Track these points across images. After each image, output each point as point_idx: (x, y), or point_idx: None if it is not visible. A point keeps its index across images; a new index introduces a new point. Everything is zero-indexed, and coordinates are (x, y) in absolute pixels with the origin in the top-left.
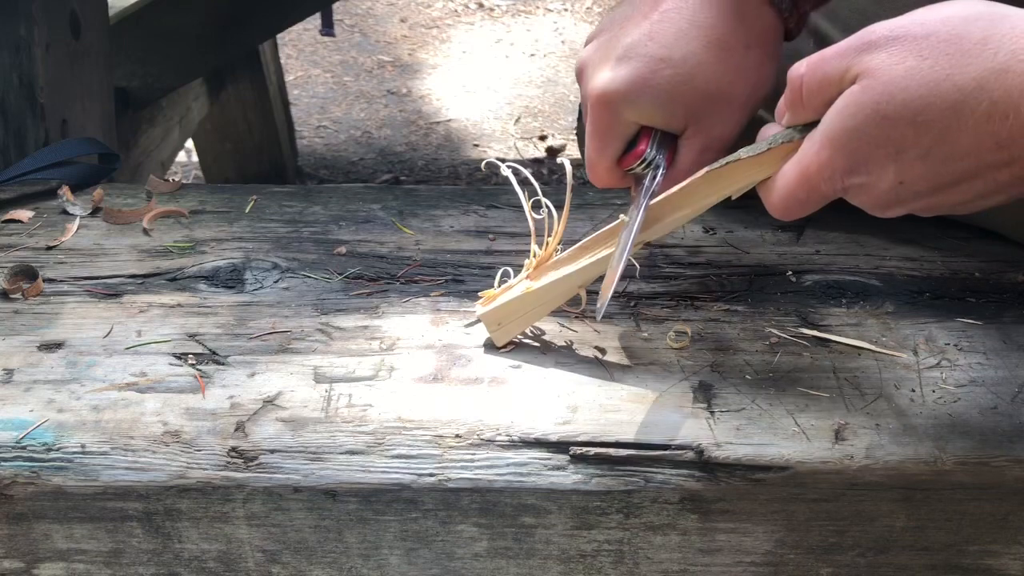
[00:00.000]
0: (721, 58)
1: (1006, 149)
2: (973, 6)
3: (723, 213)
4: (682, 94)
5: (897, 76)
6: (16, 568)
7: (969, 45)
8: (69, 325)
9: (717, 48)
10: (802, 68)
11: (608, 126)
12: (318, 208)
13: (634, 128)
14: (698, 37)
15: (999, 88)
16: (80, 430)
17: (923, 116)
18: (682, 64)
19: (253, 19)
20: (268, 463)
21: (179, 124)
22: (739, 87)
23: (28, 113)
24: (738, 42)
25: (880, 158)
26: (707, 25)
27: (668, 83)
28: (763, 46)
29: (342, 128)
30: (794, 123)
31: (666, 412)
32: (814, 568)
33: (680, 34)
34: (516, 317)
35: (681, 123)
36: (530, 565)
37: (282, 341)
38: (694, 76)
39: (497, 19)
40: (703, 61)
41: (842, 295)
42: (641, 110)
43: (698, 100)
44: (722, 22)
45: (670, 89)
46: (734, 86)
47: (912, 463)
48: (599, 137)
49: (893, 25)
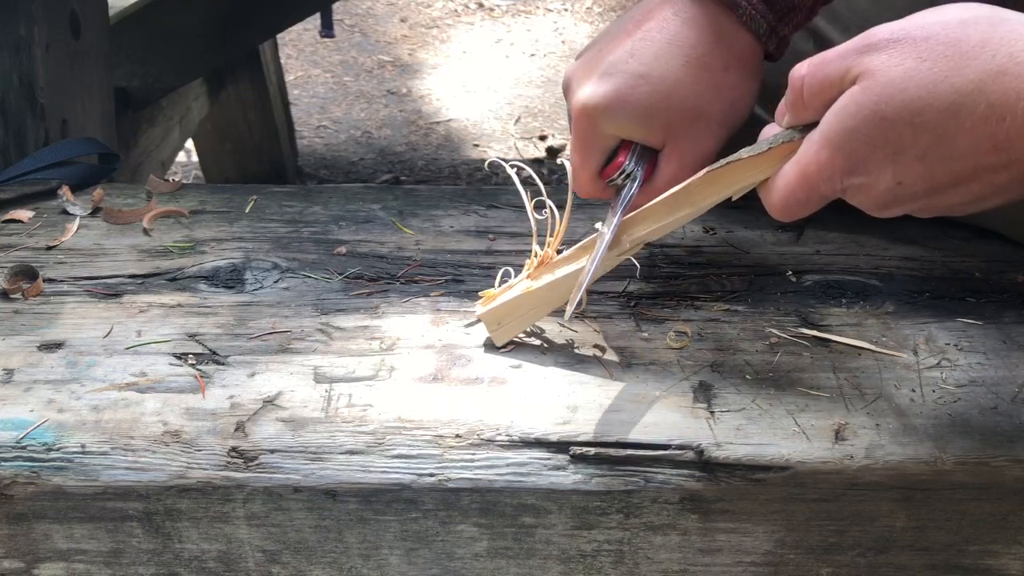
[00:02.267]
0: (699, 77)
1: (1004, 151)
2: (973, 9)
3: (723, 213)
4: (660, 110)
5: (896, 77)
6: (16, 568)
7: (967, 48)
8: (69, 325)
9: (695, 67)
10: (803, 69)
11: (590, 138)
12: (318, 208)
13: (614, 141)
14: (677, 56)
15: (997, 90)
16: (80, 430)
17: (921, 117)
18: (660, 82)
19: (253, 19)
20: (268, 463)
21: (179, 124)
22: (716, 106)
23: (28, 113)
24: (716, 62)
25: (879, 159)
26: (686, 45)
27: (646, 99)
28: (742, 67)
29: (342, 128)
30: (794, 124)
31: (666, 412)
32: (814, 568)
33: (660, 53)
34: (516, 317)
35: (659, 138)
36: (530, 565)
37: (282, 341)
38: (671, 94)
39: (497, 19)
40: (680, 79)
41: (842, 295)
42: (620, 124)
43: (676, 117)
44: (701, 43)
45: (648, 105)
46: (711, 104)
47: (912, 463)
48: (582, 149)
49: (894, 28)
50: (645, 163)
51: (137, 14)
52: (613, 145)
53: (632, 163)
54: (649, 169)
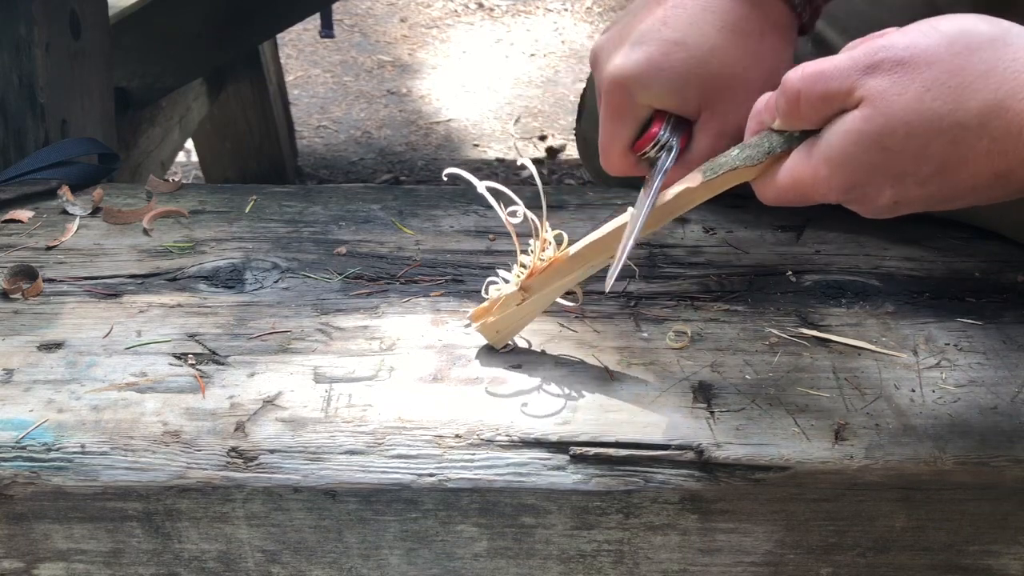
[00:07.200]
0: (736, 43)
1: (1003, 178)
2: (978, 30)
3: (723, 213)
4: (696, 77)
5: (899, 110)
6: (16, 568)
7: (972, 78)
8: (69, 325)
9: (732, 33)
10: (798, 80)
11: (622, 109)
12: (318, 208)
13: (648, 112)
14: (712, 22)
15: (1000, 126)
16: (80, 430)
17: (925, 151)
18: (696, 48)
19: (253, 19)
20: (268, 463)
21: (179, 124)
22: (755, 72)
23: (28, 113)
24: (753, 28)
25: (878, 182)
26: (721, 11)
27: (682, 66)
28: (779, 34)
29: (342, 128)
30: (787, 129)
31: (666, 412)
32: (814, 568)
33: (694, 19)
34: (514, 321)
35: (695, 108)
36: (530, 565)
37: (282, 341)
38: (709, 60)
39: (497, 19)
40: (718, 45)
41: (842, 295)
42: (655, 93)
43: (712, 85)
44: (737, 8)
45: (684, 72)
46: (749, 71)
47: (912, 463)
48: (613, 120)
49: (898, 45)
50: (680, 134)
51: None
52: (646, 116)
53: (667, 133)
54: (684, 140)
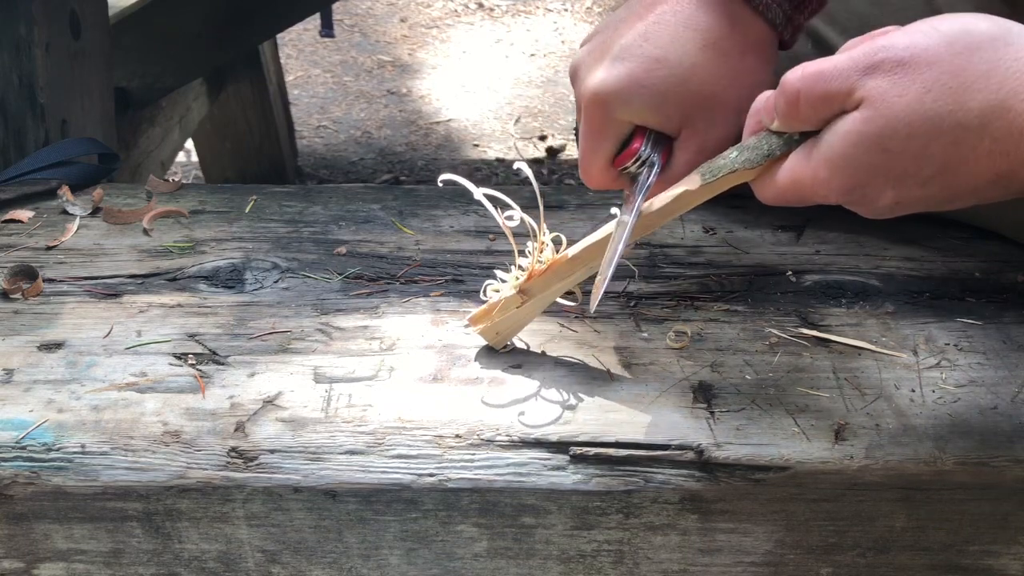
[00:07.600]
0: (717, 61)
1: (1004, 178)
2: (979, 29)
3: (723, 213)
4: (676, 95)
5: (900, 111)
6: (16, 568)
7: (972, 79)
8: (69, 325)
9: (713, 51)
10: (798, 80)
11: (602, 125)
12: (318, 208)
13: (628, 128)
14: (694, 40)
15: (1001, 127)
16: (80, 430)
17: (926, 152)
18: (678, 66)
19: (253, 19)
20: (268, 463)
21: (179, 124)
22: (734, 92)
23: (28, 113)
24: (734, 47)
25: (879, 184)
26: (703, 28)
27: (663, 83)
28: (759, 53)
29: (342, 128)
30: (786, 130)
31: (666, 412)
32: (814, 568)
33: (676, 36)
34: (512, 324)
35: (675, 125)
36: (530, 565)
37: (282, 341)
38: (689, 78)
39: (497, 19)
40: (698, 63)
41: (842, 295)
42: (635, 110)
43: (692, 102)
44: (718, 26)
45: (664, 90)
46: (729, 90)
47: (912, 463)
48: (593, 136)
49: (898, 45)
50: (661, 150)
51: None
52: (626, 132)
53: (648, 149)
54: (664, 155)
